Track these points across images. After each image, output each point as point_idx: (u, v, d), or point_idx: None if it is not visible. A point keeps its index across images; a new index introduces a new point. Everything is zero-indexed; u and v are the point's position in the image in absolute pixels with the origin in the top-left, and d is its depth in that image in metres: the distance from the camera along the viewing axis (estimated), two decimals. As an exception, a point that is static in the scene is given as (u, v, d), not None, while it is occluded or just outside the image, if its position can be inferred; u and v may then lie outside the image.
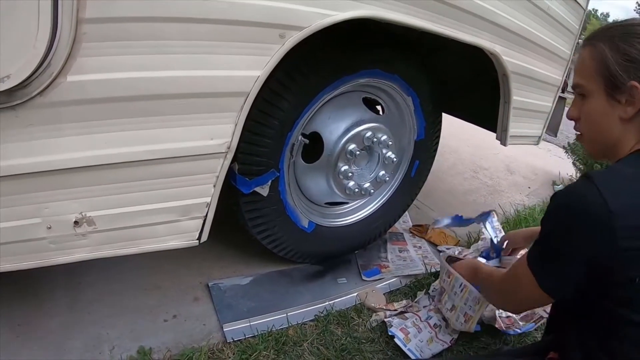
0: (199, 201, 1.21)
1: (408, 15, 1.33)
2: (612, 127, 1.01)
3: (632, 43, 0.95)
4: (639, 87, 0.94)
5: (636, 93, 0.94)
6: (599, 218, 0.87)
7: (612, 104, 0.99)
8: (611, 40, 0.99)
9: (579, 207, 0.91)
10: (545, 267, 1.00)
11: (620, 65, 0.96)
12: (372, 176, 1.86)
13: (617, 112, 0.99)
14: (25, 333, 1.34)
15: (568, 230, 0.93)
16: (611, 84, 0.98)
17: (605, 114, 1.01)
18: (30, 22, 0.80)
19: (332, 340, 1.50)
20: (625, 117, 0.98)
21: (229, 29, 1.02)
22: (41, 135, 0.92)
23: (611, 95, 0.99)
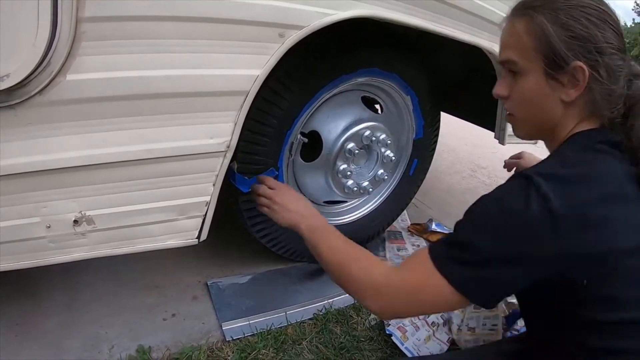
0: (199, 200, 1.21)
1: (407, 15, 1.33)
2: (552, 109, 0.91)
3: (577, 17, 0.84)
4: (584, 68, 0.83)
5: (581, 75, 0.84)
6: (538, 222, 0.76)
7: (552, 84, 0.88)
8: (554, 12, 0.86)
9: (515, 210, 0.79)
10: (457, 262, 0.83)
11: (564, 42, 0.84)
12: (371, 175, 1.86)
13: (557, 94, 0.88)
14: (23, 332, 1.35)
15: (500, 236, 0.80)
16: (553, 63, 0.86)
17: (544, 95, 0.90)
18: (29, 20, 0.80)
19: (331, 339, 1.51)
20: (567, 100, 0.87)
21: (228, 28, 1.03)
22: (40, 134, 0.92)
23: (551, 75, 0.87)
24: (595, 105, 0.87)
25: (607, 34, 0.84)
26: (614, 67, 0.84)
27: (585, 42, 0.83)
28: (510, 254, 0.79)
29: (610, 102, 0.86)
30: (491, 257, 0.80)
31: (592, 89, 0.85)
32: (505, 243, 0.79)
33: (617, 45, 0.85)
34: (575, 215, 0.75)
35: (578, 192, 0.77)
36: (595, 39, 0.83)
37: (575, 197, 0.77)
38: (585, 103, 0.88)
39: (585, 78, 0.84)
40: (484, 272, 0.80)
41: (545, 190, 0.76)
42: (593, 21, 0.84)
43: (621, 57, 0.85)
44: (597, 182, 0.79)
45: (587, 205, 0.77)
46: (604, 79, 0.84)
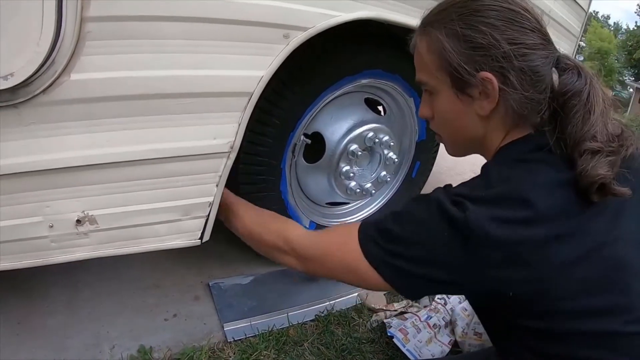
0: (202, 201, 1.21)
1: (411, 17, 1.33)
2: (471, 125, 0.86)
3: (472, 24, 0.79)
4: (491, 78, 0.78)
5: (490, 85, 0.78)
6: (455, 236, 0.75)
7: (463, 100, 0.84)
8: (448, 25, 0.81)
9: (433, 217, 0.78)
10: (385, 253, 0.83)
11: (464, 55, 0.79)
12: (374, 177, 1.86)
13: (472, 109, 0.84)
14: (24, 331, 1.34)
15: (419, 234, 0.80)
16: (457, 79, 0.82)
17: (458, 112, 0.86)
18: (34, 19, 0.80)
19: (332, 340, 1.50)
20: (482, 113, 0.83)
21: (233, 29, 1.02)
22: (44, 134, 0.92)
23: (461, 91, 0.83)
24: (516, 113, 0.81)
25: (514, 34, 0.77)
26: (526, 68, 0.78)
27: (486, 50, 0.78)
28: (426, 257, 0.79)
29: (532, 105, 0.80)
30: (407, 253, 0.80)
31: (506, 97, 0.80)
32: (420, 247, 0.79)
33: (529, 43, 0.78)
34: (495, 241, 0.73)
35: (504, 213, 0.74)
36: (498, 45, 0.77)
37: (496, 219, 0.73)
38: (505, 113, 0.82)
39: (494, 88, 0.79)
40: (400, 262, 0.80)
41: (467, 215, 0.74)
42: (493, 24, 0.78)
43: (537, 53, 0.78)
44: (519, 202, 0.74)
45: (507, 227, 0.73)
46: (517, 85, 0.78)
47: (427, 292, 0.88)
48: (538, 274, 0.74)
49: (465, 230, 0.73)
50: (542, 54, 0.79)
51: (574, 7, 2.17)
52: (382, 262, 0.83)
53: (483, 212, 0.73)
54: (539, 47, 0.78)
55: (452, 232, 0.75)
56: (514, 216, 0.73)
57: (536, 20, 0.80)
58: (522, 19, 0.78)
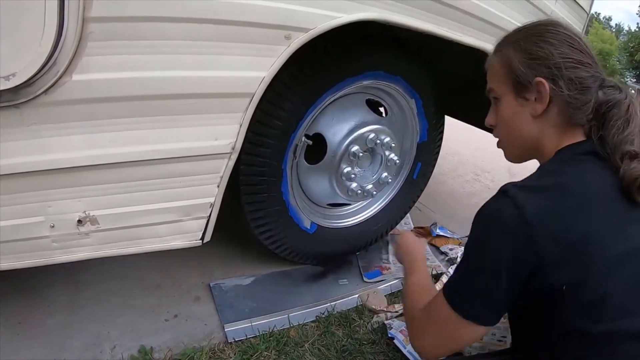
0: (203, 201, 1.21)
1: (413, 18, 1.33)
2: (525, 126, 0.99)
3: (535, 41, 0.96)
4: (544, 82, 0.92)
5: (542, 88, 0.93)
6: (514, 228, 0.82)
7: (521, 102, 0.98)
8: (516, 43, 0.99)
9: (493, 221, 0.87)
10: (466, 293, 0.90)
11: (523, 63, 0.96)
12: (375, 178, 1.86)
13: (527, 111, 0.97)
14: (25, 331, 1.34)
15: (483, 245, 0.88)
16: (518, 83, 0.97)
17: (516, 114, 1.00)
18: (36, 20, 0.80)
19: (333, 342, 1.50)
20: (535, 114, 0.96)
21: (235, 30, 1.03)
22: (45, 134, 0.93)
23: (519, 94, 0.98)
24: (564, 116, 0.94)
25: (565, 50, 0.92)
26: (574, 78, 0.91)
27: (542, 60, 0.93)
28: (500, 265, 0.83)
29: (579, 109, 0.92)
30: (488, 276, 0.86)
31: (557, 99, 0.93)
32: (492, 256, 0.85)
33: (578, 59, 0.92)
34: (549, 222, 0.81)
35: (552, 200, 0.84)
36: (552, 56, 0.92)
37: (549, 205, 0.83)
38: (555, 116, 0.95)
39: (546, 90, 0.92)
40: (490, 295, 0.86)
41: (521, 201, 0.82)
42: (549, 41, 0.93)
43: (585, 69, 0.92)
44: (571, 190, 0.85)
45: (560, 212, 0.82)
46: (565, 90, 0.91)
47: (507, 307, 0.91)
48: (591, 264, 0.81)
49: (525, 223, 0.81)
50: (588, 70, 0.92)
51: (575, 9, 2.16)
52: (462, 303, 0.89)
53: (539, 201, 0.83)
54: (585, 65, 0.93)
55: (513, 229, 0.82)
56: (574, 202, 0.83)
57: (586, 46, 0.94)
58: (574, 42, 0.94)
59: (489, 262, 0.85)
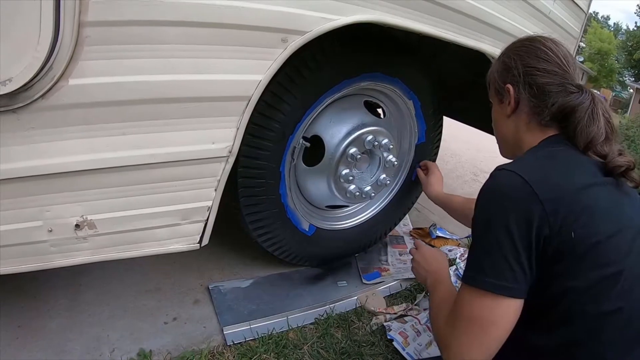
0: (201, 205, 1.21)
1: (410, 20, 1.33)
2: (504, 125, 1.17)
3: (509, 55, 1.14)
4: (509, 87, 1.11)
5: (509, 92, 1.11)
6: (520, 194, 0.89)
7: (500, 105, 1.17)
8: (500, 57, 1.19)
9: (501, 192, 0.93)
10: (488, 269, 0.91)
11: (498, 72, 1.16)
12: (373, 179, 1.86)
13: (504, 112, 1.15)
14: (24, 334, 1.34)
15: (493, 219, 0.92)
16: (496, 89, 1.18)
17: (499, 115, 1.19)
18: (32, 25, 0.80)
19: (332, 344, 1.50)
20: (508, 113, 1.14)
21: (231, 33, 1.03)
22: (43, 139, 0.93)
23: (499, 99, 1.17)
24: (532, 115, 1.09)
25: (530, 61, 1.08)
26: (533, 84, 1.07)
27: (509, 69, 1.12)
28: (513, 231, 0.88)
29: (543, 110, 1.06)
30: (505, 245, 0.89)
31: (523, 102, 1.10)
32: (504, 224, 0.89)
33: (541, 67, 1.07)
34: (548, 182, 0.91)
35: (544, 165, 0.97)
36: (517, 66, 1.10)
37: (543, 168, 0.95)
38: (525, 114, 1.11)
39: (511, 94, 1.11)
40: (511, 262, 0.89)
41: (518, 171, 0.92)
42: (519, 54, 1.11)
43: (546, 77, 1.06)
44: (558, 157, 0.99)
45: (554, 172, 0.94)
46: (525, 93, 1.09)
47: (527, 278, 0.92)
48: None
49: (527, 189, 0.89)
50: (551, 78, 1.06)
51: (573, 8, 2.17)
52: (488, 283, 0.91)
53: (529, 168, 0.94)
54: (548, 73, 1.06)
55: (523, 202, 0.89)
56: (555, 167, 0.96)
57: (558, 58, 1.07)
58: (541, 54, 1.08)
59: (502, 233, 0.89)
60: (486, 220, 0.94)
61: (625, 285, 0.87)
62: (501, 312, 0.90)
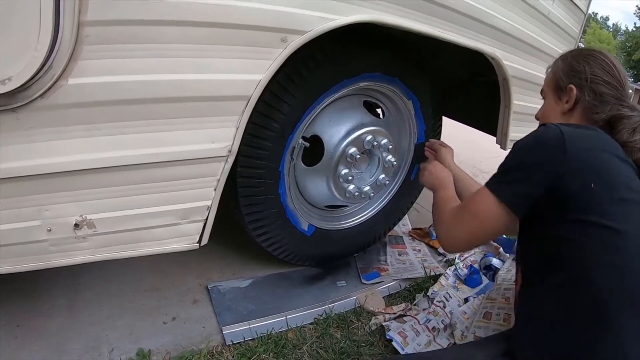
0: (200, 204, 1.21)
1: (409, 20, 1.33)
2: (556, 119, 1.23)
3: (577, 59, 1.22)
4: (574, 88, 1.19)
5: (572, 92, 1.19)
6: (555, 139, 1.00)
7: (557, 102, 1.25)
8: (565, 57, 1.27)
9: (539, 134, 1.06)
10: (504, 183, 1.07)
11: (564, 72, 1.23)
12: (372, 179, 1.86)
13: (559, 108, 1.24)
14: (24, 334, 1.34)
15: (529, 149, 1.06)
16: (557, 86, 1.25)
17: (552, 109, 1.27)
18: (31, 24, 0.80)
19: (331, 344, 1.50)
20: (564, 111, 1.22)
21: (231, 33, 1.03)
22: (42, 138, 0.93)
23: (557, 95, 1.25)
24: (585, 117, 1.18)
25: (596, 70, 1.18)
26: (597, 91, 1.16)
27: (577, 72, 1.20)
28: (534, 163, 1.02)
29: (596, 114, 1.16)
30: (522, 168, 1.04)
31: (581, 104, 1.19)
32: (531, 155, 1.04)
33: (604, 79, 1.16)
34: (580, 141, 1.01)
35: (585, 133, 1.06)
36: (585, 72, 1.18)
37: (583, 135, 1.04)
38: (578, 115, 1.19)
39: (574, 94, 1.19)
40: (518, 179, 1.04)
41: (560, 125, 1.04)
42: (587, 61, 1.20)
43: (607, 87, 1.16)
44: (598, 136, 1.07)
45: (588, 138, 1.04)
46: (587, 97, 1.17)
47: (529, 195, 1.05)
48: None
49: (560, 134, 1.01)
50: (610, 90, 1.16)
51: (573, 9, 2.17)
52: (500, 186, 1.08)
53: (574, 133, 1.03)
54: (610, 85, 1.16)
55: (550, 138, 1.02)
56: (600, 142, 1.05)
57: (618, 74, 1.18)
58: (607, 67, 1.18)
59: (530, 161, 1.03)
60: (522, 148, 1.07)
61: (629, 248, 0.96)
62: (497, 218, 1.07)
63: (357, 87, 1.65)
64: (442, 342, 1.59)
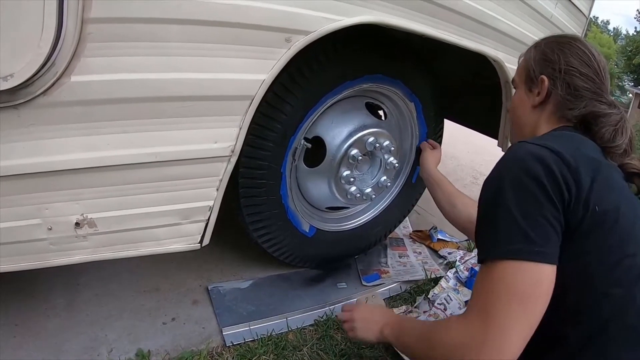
0: (202, 205, 1.21)
1: (413, 22, 1.33)
2: (526, 113, 1.17)
3: (551, 47, 1.13)
4: (545, 79, 1.11)
5: (543, 84, 1.11)
6: (547, 159, 0.86)
7: (527, 94, 1.18)
8: (539, 45, 1.18)
9: (526, 159, 0.88)
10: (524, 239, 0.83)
11: (536, 61, 1.15)
12: (374, 181, 1.85)
13: (530, 101, 1.16)
14: (22, 333, 1.34)
15: (526, 186, 0.85)
16: (528, 76, 1.17)
17: (522, 102, 1.19)
18: (35, 21, 0.80)
19: (331, 345, 1.50)
20: (534, 104, 1.14)
21: (235, 32, 1.02)
22: (43, 135, 0.92)
23: (528, 86, 1.17)
24: (557, 111, 1.11)
25: (572, 60, 1.09)
26: (570, 84, 1.07)
27: (550, 62, 1.11)
28: (538, 194, 0.84)
29: (570, 110, 1.08)
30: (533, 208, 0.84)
31: (554, 97, 1.10)
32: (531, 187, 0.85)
33: (581, 71, 1.08)
34: (571, 156, 0.88)
35: (562, 143, 0.93)
36: (559, 62, 1.09)
37: (562, 145, 0.90)
38: (550, 109, 1.12)
39: (545, 86, 1.11)
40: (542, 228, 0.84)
41: (541, 143, 0.91)
42: (562, 50, 1.11)
43: (583, 80, 1.07)
44: (572, 138, 1.01)
45: (573, 149, 0.91)
46: (560, 90, 1.09)
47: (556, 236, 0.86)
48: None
49: (554, 156, 0.87)
50: (587, 83, 1.07)
51: (575, 12, 2.17)
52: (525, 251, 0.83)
53: (551, 143, 0.91)
54: (587, 77, 1.07)
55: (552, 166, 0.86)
56: (572, 145, 0.95)
57: (597, 65, 1.09)
58: (584, 57, 1.09)
59: (528, 194, 0.84)
60: (509, 185, 0.87)
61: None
62: (540, 280, 0.82)
63: (360, 88, 1.64)
64: (443, 345, 1.58)
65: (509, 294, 0.82)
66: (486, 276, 0.86)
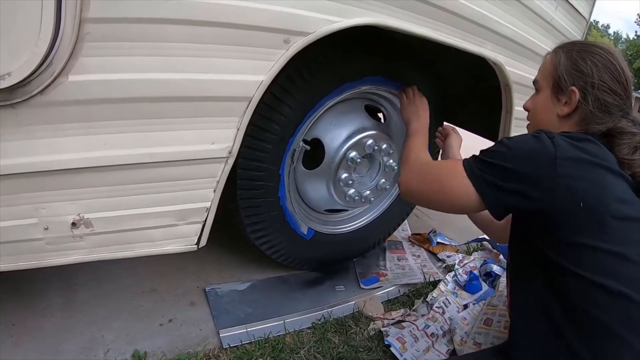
0: (199, 206, 1.20)
1: (413, 24, 1.33)
2: (550, 120, 1.16)
3: (584, 57, 1.10)
4: (576, 91, 1.08)
5: (574, 96, 1.09)
6: (547, 153, 0.94)
7: (554, 101, 1.15)
8: (570, 52, 1.14)
9: (532, 145, 0.98)
10: (487, 179, 1.01)
11: (567, 70, 1.11)
12: (373, 184, 1.85)
13: (556, 109, 1.14)
14: (19, 333, 1.34)
15: (519, 159, 0.98)
16: (557, 84, 1.14)
17: (547, 108, 1.17)
18: (33, 20, 0.80)
19: (329, 348, 1.49)
20: (561, 114, 1.13)
21: (233, 33, 1.02)
22: (40, 135, 0.92)
23: (555, 94, 1.14)
24: (582, 124, 1.09)
25: (604, 75, 1.07)
26: (601, 99, 1.06)
27: (583, 74, 1.08)
28: (523, 175, 0.96)
29: (596, 124, 1.07)
30: (509, 176, 0.97)
31: (581, 110, 1.09)
32: (521, 166, 0.96)
33: (611, 87, 1.06)
34: (575, 159, 0.95)
35: (579, 146, 0.97)
36: (592, 76, 1.07)
37: (577, 148, 0.96)
38: (575, 121, 1.11)
39: (576, 99, 1.08)
40: (503, 186, 0.98)
41: (554, 136, 0.97)
42: (595, 63, 1.08)
43: (613, 97, 1.06)
44: (592, 147, 0.99)
45: (585, 155, 0.96)
46: (590, 105, 1.07)
47: (511, 205, 1.01)
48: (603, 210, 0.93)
49: (553, 149, 0.94)
50: (616, 100, 1.07)
51: (575, 16, 2.16)
52: (481, 178, 1.01)
53: (568, 144, 0.97)
54: (616, 94, 1.07)
55: (542, 151, 0.96)
56: (594, 154, 0.97)
57: (626, 81, 1.08)
58: (615, 73, 1.07)
59: (517, 171, 0.96)
60: (508, 153, 0.99)
61: None
62: (465, 200, 1.04)
63: (359, 90, 1.64)
64: (441, 348, 1.57)
65: (440, 178, 1.11)
66: (455, 163, 1.08)
